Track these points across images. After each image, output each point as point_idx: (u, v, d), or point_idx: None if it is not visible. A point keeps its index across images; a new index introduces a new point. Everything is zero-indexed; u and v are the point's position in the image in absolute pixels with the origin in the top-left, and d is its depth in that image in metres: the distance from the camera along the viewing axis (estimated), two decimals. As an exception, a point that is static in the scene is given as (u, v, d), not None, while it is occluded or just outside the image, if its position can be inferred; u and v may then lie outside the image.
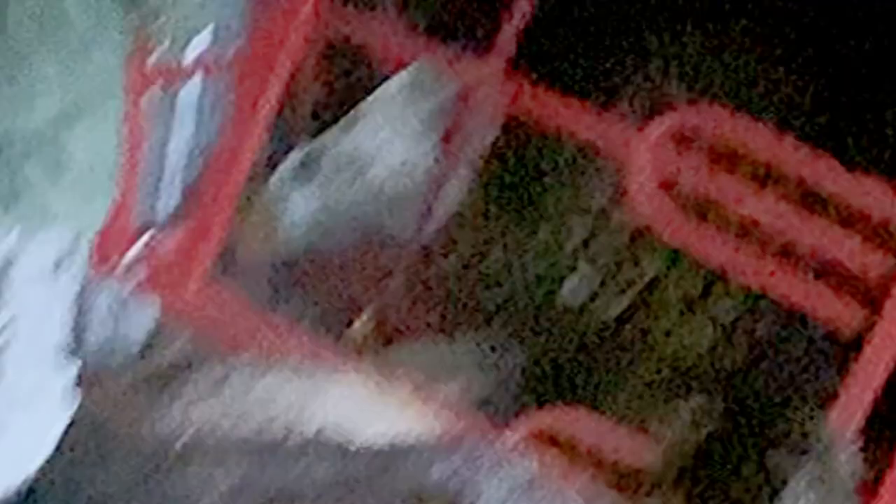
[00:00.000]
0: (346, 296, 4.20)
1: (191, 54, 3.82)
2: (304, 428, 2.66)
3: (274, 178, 4.30)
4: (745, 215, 3.40)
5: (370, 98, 4.33)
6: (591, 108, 3.63)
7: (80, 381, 2.60)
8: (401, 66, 4.20)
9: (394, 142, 4.33)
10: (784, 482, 3.29)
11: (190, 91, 3.98)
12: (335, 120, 4.33)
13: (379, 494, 2.41)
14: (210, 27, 3.78)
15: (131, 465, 2.43)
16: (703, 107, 3.66)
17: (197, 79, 4.00)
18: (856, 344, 3.44)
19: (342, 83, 4.37)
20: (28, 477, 2.44)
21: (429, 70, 4.23)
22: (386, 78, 4.31)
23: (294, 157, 4.32)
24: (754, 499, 3.31)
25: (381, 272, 4.25)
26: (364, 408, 2.91)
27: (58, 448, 2.51)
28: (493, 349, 4.14)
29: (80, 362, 2.55)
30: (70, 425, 2.56)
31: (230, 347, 3.23)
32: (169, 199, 3.96)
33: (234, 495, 2.35)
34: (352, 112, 4.33)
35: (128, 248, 3.63)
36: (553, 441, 3.49)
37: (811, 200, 3.55)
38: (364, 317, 4.14)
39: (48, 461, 2.44)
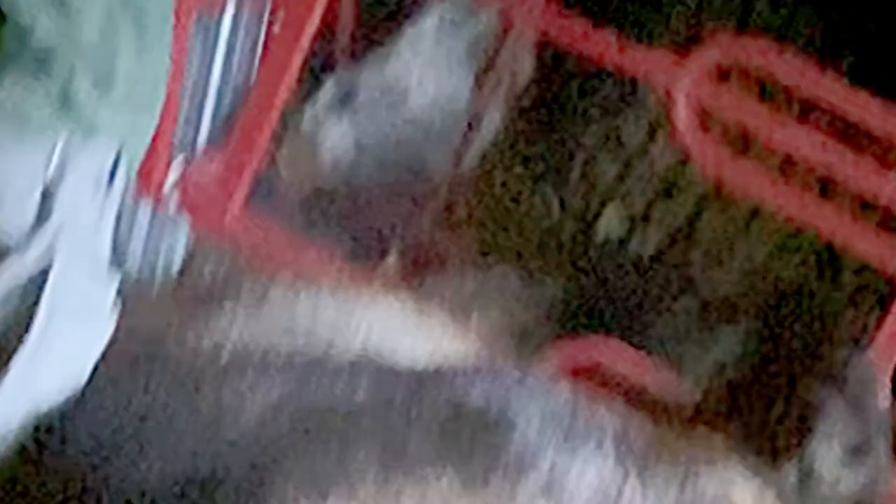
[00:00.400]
0: (382, 227, 4.22)
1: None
2: (346, 346, 2.66)
3: (310, 109, 4.30)
4: (786, 149, 3.39)
5: (406, 30, 4.32)
6: (630, 41, 3.62)
7: (121, 296, 2.63)
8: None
9: (429, 75, 4.32)
10: (820, 417, 3.29)
11: (227, 19, 3.98)
12: (371, 52, 4.33)
13: (419, 413, 2.42)
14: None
15: (175, 379, 2.45)
16: (745, 40, 3.64)
17: (232, 6, 4.01)
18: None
19: (378, 14, 4.37)
20: (75, 390, 2.47)
21: (465, 3, 4.23)
22: (422, 10, 4.31)
23: (330, 87, 4.33)
24: (790, 433, 3.32)
25: (417, 204, 4.26)
26: (404, 330, 2.92)
27: (100, 364, 2.54)
28: (526, 282, 4.15)
29: (121, 277, 2.57)
30: (111, 342, 2.58)
31: (267, 272, 3.25)
32: (207, 127, 3.96)
33: (278, 408, 2.37)
34: (388, 44, 4.33)
35: (166, 174, 3.66)
36: (587, 371, 3.51)
37: (852, 136, 3.54)
38: (398, 248, 4.16)
39: (92, 376, 2.47)
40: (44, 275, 2.43)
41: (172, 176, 3.67)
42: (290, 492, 2.22)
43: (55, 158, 2.47)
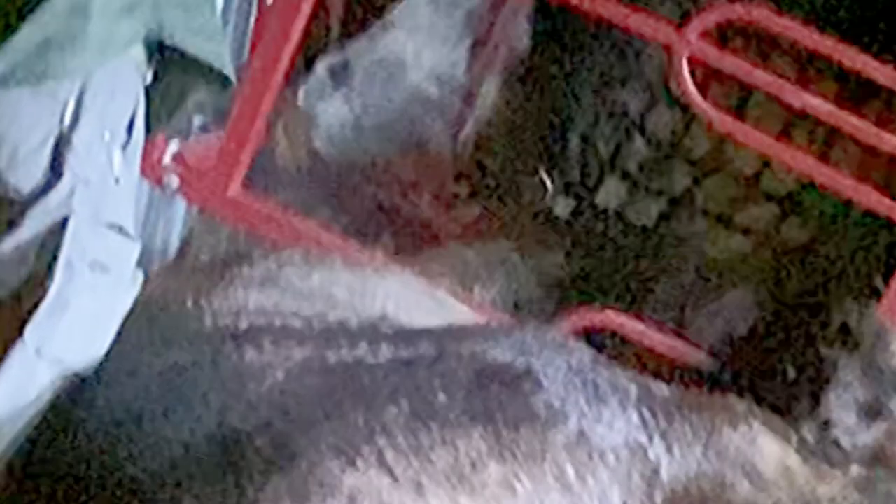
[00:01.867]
0: (380, 201, 4.19)
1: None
2: (365, 313, 2.64)
3: (306, 86, 4.28)
4: (790, 105, 3.38)
5: (401, 4, 4.30)
6: (630, 4, 3.60)
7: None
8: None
9: (425, 48, 4.30)
10: (833, 375, 3.29)
11: (220, -2, 3.95)
12: (366, 26, 4.31)
13: (444, 370, 2.40)
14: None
15: (196, 346, 2.42)
16: (745, 3, 3.63)
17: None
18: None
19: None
20: (100, 351, 2.45)
21: (460, -26, 4.21)
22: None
23: (326, 63, 4.30)
24: (803, 390, 3.31)
25: (415, 179, 4.24)
26: (419, 299, 2.91)
27: (119, 333, 2.51)
28: (527, 255, 4.13)
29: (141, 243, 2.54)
30: (129, 312, 2.56)
31: (275, 246, 3.23)
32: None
33: (302, 368, 2.34)
34: (383, 18, 4.31)
35: (164, 153, 3.62)
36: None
37: (852, 92, 3.54)
38: (397, 222, 4.14)
39: (115, 341, 2.45)
40: (62, 228, 2.41)
41: (171, 153, 3.64)
42: (319, 454, 2.19)
43: (67, 115, 2.45)
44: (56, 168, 2.43)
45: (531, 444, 2.31)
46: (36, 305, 2.37)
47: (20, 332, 2.39)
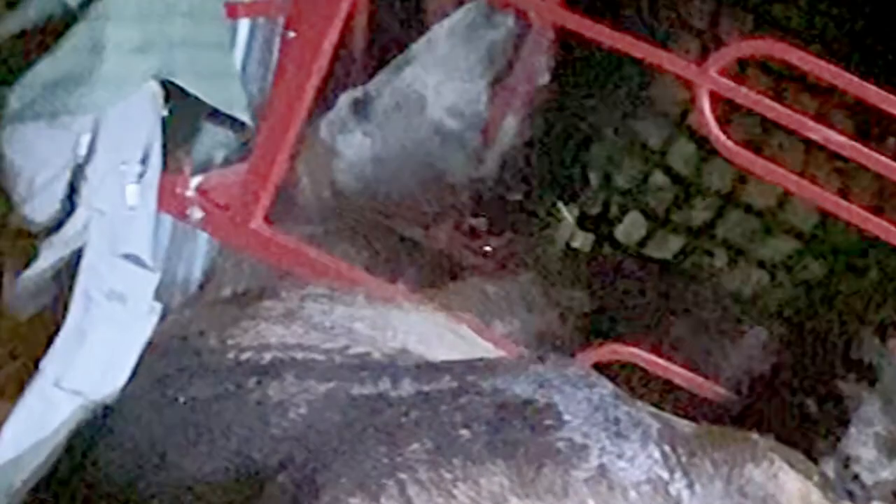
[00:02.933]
0: (402, 235, 4.20)
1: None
2: (387, 347, 2.65)
3: (328, 120, 4.30)
4: (809, 138, 3.39)
5: (422, 39, 4.32)
6: (649, 41, 3.62)
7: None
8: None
9: (447, 82, 4.32)
10: (853, 410, 3.28)
11: (243, 30, 3.98)
12: (388, 61, 4.33)
13: (465, 408, 2.40)
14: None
15: (218, 380, 2.43)
16: (764, 40, 3.64)
17: (246, 20, 4.01)
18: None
19: (394, 24, 4.37)
20: (119, 383, 2.47)
21: (482, 10, 4.22)
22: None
23: (347, 98, 4.33)
24: (823, 426, 3.31)
25: (436, 212, 4.25)
26: (440, 334, 2.91)
27: (141, 366, 2.52)
28: (548, 290, 4.14)
29: (159, 273, 2.55)
30: (150, 343, 2.57)
31: (297, 280, 3.24)
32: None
33: (325, 403, 2.34)
34: (404, 53, 4.33)
35: (187, 186, 3.64)
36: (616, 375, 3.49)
37: (871, 127, 3.54)
38: (419, 256, 4.15)
39: (135, 373, 2.46)
40: (78, 259, 2.43)
41: (194, 188, 3.66)
42: (341, 489, 2.20)
43: (82, 147, 2.47)
44: (71, 199, 2.46)
45: (553, 480, 2.31)
46: (54, 336, 2.40)
47: (38, 364, 2.42)
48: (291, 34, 3.97)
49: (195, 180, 3.67)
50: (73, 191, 2.47)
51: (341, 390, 2.38)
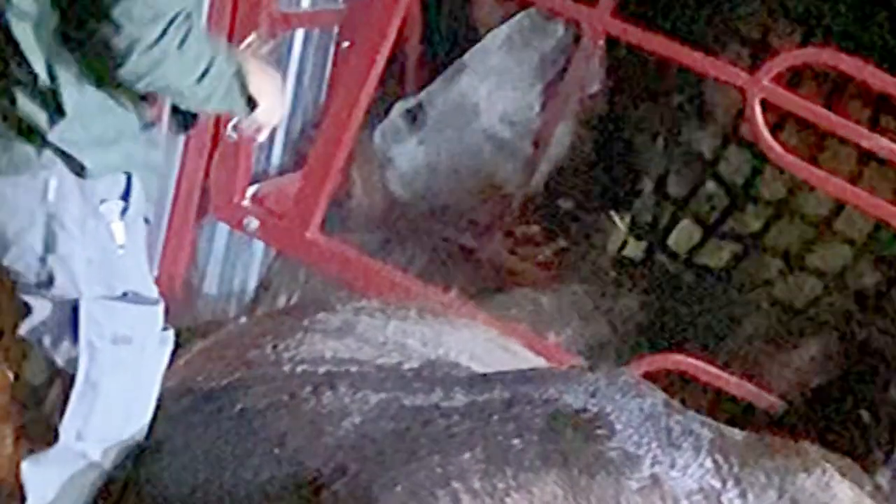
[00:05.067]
0: (455, 244, 4.22)
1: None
2: (439, 361, 2.67)
3: (382, 129, 4.33)
4: (862, 147, 3.39)
5: (475, 48, 4.34)
6: (701, 50, 3.62)
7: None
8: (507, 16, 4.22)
9: (499, 91, 4.33)
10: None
11: (297, 43, 4.01)
12: (441, 70, 4.35)
13: (517, 418, 2.42)
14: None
15: (275, 387, 2.46)
16: (815, 49, 3.64)
17: (300, 31, 4.05)
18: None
19: (447, 34, 4.39)
20: (143, 425, 2.42)
21: (533, 20, 4.24)
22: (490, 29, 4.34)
23: (401, 107, 4.36)
24: (877, 436, 3.30)
25: (488, 221, 4.27)
26: (491, 349, 2.93)
27: (196, 377, 2.54)
28: (601, 299, 4.14)
29: (164, 304, 2.46)
30: (205, 351, 2.59)
31: (352, 292, 3.26)
32: (281, 149, 4.00)
33: (378, 413, 2.36)
34: (457, 63, 4.35)
35: (243, 196, 3.68)
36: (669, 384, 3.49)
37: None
38: (472, 264, 4.16)
39: (189, 387, 2.47)
40: (73, 309, 2.38)
41: (250, 197, 3.70)
42: (394, 498, 2.22)
43: (50, 193, 2.37)
44: (50, 247, 2.37)
45: (605, 489, 2.32)
46: (66, 394, 2.36)
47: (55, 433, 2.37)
48: (346, 44, 4.03)
49: (251, 189, 3.72)
50: (49, 238, 2.38)
51: (394, 400, 2.40)
